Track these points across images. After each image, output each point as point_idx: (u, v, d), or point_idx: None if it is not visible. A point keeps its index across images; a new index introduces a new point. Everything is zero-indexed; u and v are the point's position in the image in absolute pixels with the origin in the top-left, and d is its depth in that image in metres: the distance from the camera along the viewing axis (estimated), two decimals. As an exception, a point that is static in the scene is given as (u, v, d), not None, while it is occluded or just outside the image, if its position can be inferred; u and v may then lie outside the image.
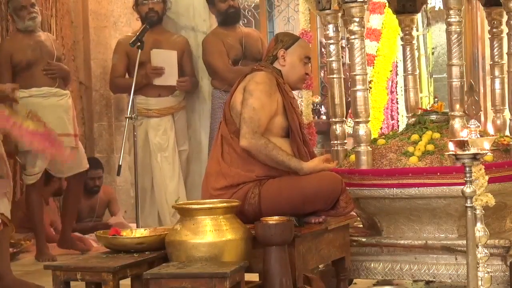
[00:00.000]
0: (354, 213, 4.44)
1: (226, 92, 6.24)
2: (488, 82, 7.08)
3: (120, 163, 5.58)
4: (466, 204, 3.42)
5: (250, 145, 3.87)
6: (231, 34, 6.39)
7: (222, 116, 4.10)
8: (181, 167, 6.55)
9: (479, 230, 3.49)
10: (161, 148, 6.45)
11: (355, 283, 4.73)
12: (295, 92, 4.37)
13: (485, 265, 3.52)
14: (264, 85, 3.96)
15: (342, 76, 4.78)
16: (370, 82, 8.05)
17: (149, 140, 6.43)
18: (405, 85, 5.32)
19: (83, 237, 6.64)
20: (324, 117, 8.61)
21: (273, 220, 3.58)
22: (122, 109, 7.50)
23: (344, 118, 4.79)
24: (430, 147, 4.35)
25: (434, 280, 4.34)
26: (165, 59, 6.36)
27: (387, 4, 6.10)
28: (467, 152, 3.36)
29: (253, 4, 8.96)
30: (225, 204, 3.57)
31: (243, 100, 3.93)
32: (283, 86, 4.06)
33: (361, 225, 4.73)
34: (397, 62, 8.63)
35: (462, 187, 3.43)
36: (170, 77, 6.40)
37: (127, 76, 6.49)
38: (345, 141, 4.78)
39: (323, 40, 7.61)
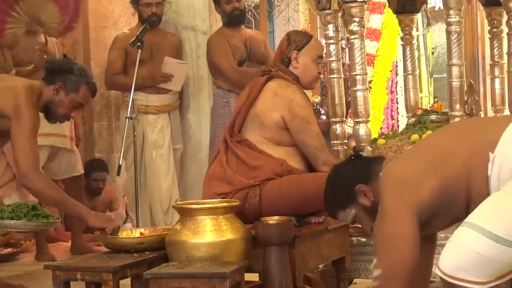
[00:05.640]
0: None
1: (229, 92, 6.26)
2: (488, 82, 7.08)
3: (120, 163, 5.59)
4: (466, 204, 3.41)
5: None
6: (236, 35, 6.39)
7: (229, 125, 4.12)
8: (175, 166, 6.56)
9: (479, 230, 3.49)
10: (156, 145, 6.46)
11: (355, 283, 4.73)
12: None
13: (485, 265, 3.51)
14: (310, 107, 4.13)
15: (342, 76, 4.79)
16: (370, 82, 8.05)
17: (145, 137, 6.44)
18: (405, 85, 5.32)
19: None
20: (324, 117, 8.61)
21: (273, 220, 3.58)
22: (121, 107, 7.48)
23: (344, 118, 4.79)
24: (430, 147, 4.34)
25: (434, 280, 4.33)
26: (176, 69, 6.40)
27: (387, 4, 6.10)
28: (467, 152, 3.35)
29: (253, 4, 8.97)
30: (225, 204, 3.57)
31: (302, 129, 4.01)
32: None
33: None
34: (397, 62, 8.63)
35: (462, 187, 3.42)
36: (175, 84, 6.43)
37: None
38: (345, 141, 4.78)
39: (323, 40, 7.60)
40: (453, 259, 2.77)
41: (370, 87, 7.96)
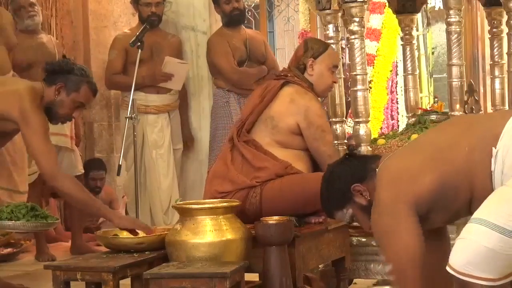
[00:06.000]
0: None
1: (229, 91, 6.26)
2: (488, 82, 7.09)
3: (120, 163, 5.59)
4: (466, 204, 3.41)
5: None
6: (236, 36, 6.39)
7: (237, 124, 4.13)
8: (175, 166, 6.56)
9: (479, 230, 3.48)
10: (156, 145, 6.46)
11: (355, 283, 4.73)
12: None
13: (485, 265, 3.50)
14: (325, 117, 4.22)
15: (342, 76, 4.79)
16: (370, 82, 8.05)
17: (145, 137, 6.44)
18: (405, 85, 5.32)
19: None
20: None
21: (273, 220, 3.58)
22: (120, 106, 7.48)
23: (344, 118, 4.79)
24: (430, 147, 4.34)
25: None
26: (176, 69, 6.40)
27: (387, 4, 6.10)
28: (467, 152, 3.35)
29: (253, 4, 8.97)
30: (225, 204, 3.57)
31: (317, 137, 4.07)
32: None
33: (361, 225, 4.73)
34: (397, 62, 8.63)
35: (462, 187, 3.41)
36: (176, 83, 6.43)
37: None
38: (345, 141, 4.78)
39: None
40: (463, 255, 2.76)
41: (370, 87, 7.96)
